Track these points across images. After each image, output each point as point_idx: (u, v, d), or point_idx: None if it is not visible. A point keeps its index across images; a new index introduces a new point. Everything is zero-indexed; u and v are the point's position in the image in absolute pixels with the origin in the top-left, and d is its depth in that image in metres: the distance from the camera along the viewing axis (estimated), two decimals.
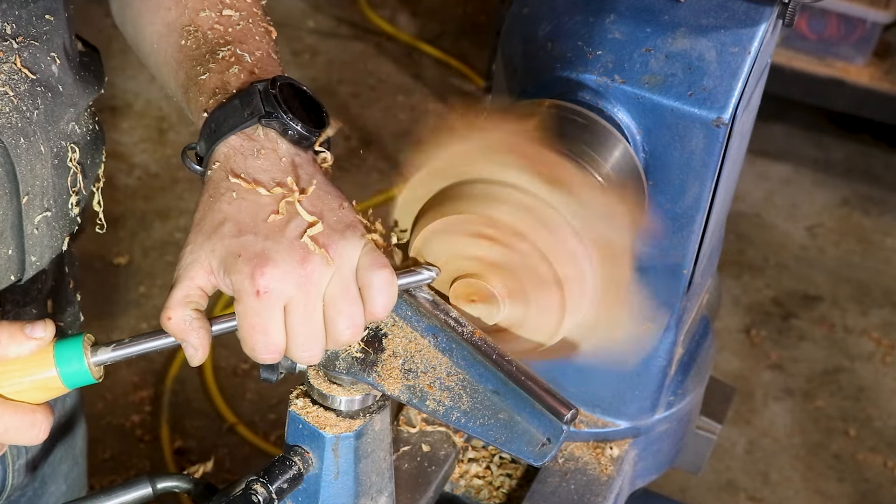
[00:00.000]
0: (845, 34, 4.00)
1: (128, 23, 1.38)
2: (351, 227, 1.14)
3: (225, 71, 1.21)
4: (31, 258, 1.30)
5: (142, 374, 3.15)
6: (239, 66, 1.21)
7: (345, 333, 1.14)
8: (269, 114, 1.16)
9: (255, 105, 1.16)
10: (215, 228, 1.12)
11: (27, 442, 1.15)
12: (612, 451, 1.67)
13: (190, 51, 1.25)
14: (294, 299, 1.11)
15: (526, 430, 1.19)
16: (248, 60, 1.22)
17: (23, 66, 1.24)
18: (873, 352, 3.55)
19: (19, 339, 1.12)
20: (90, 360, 1.13)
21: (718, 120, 1.41)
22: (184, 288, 1.12)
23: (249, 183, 1.13)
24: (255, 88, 1.17)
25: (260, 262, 1.09)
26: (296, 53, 4.38)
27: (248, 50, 1.24)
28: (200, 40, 1.25)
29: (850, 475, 3.19)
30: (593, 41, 1.46)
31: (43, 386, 1.12)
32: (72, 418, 1.67)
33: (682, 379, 1.75)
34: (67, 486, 1.68)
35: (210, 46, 1.24)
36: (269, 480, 1.23)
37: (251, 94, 1.17)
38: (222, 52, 1.23)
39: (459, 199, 1.25)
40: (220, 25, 1.26)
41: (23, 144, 1.23)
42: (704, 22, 1.45)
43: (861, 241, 3.95)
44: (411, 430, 1.64)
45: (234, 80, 1.20)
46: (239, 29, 1.26)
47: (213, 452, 3.03)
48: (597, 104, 1.45)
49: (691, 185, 1.47)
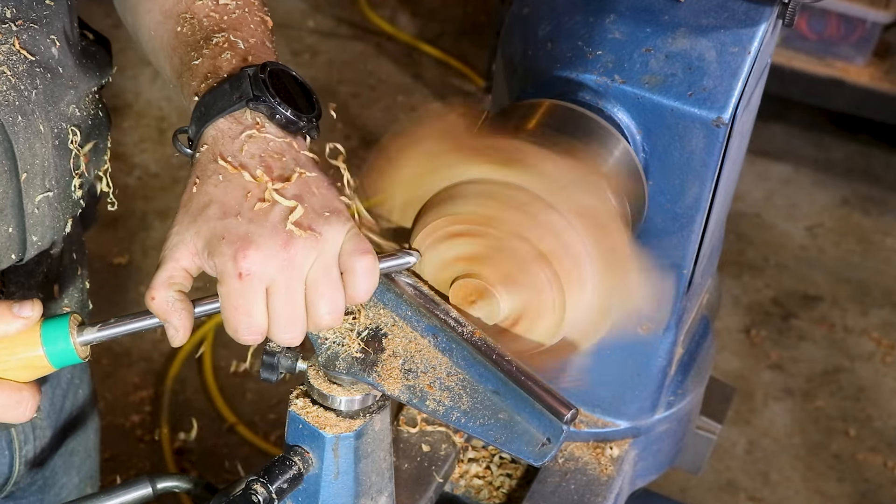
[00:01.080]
0: (845, 34, 4.00)
1: (127, 11, 1.40)
2: (336, 212, 1.15)
3: (217, 56, 1.22)
4: (32, 237, 1.31)
5: (142, 374, 3.15)
6: (232, 51, 1.23)
7: (325, 318, 1.14)
8: (257, 97, 1.16)
9: (244, 89, 1.17)
10: (201, 210, 1.13)
11: (13, 419, 1.16)
12: (612, 451, 1.67)
13: (185, 37, 1.26)
14: (276, 282, 1.11)
15: (526, 430, 1.19)
16: (241, 47, 1.24)
17: (21, 47, 1.25)
18: (873, 352, 3.55)
19: (7, 317, 1.13)
20: (76, 340, 1.15)
21: (718, 120, 1.41)
22: (168, 269, 1.13)
23: (235, 167, 1.14)
24: (246, 73, 1.18)
25: (243, 245, 1.10)
26: (296, 53, 4.38)
27: (242, 37, 1.25)
28: (196, 27, 1.26)
29: (850, 475, 3.19)
30: (593, 41, 1.46)
31: (29, 364, 1.14)
32: (84, 411, 1.68)
33: (682, 379, 1.75)
34: (80, 478, 1.69)
35: (205, 33, 1.26)
36: (269, 480, 1.23)
37: (241, 79, 1.18)
38: (216, 38, 1.24)
39: (426, 212, 1.28)
40: (216, 13, 1.27)
41: (20, 122, 1.24)
42: (704, 22, 1.45)
43: (861, 241, 3.95)
44: (411, 429, 1.64)
45: (226, 65, 1.21)
46: (235, 17, 1.27)
47: (214, 452, 3.03)
48: (597, 104, 1.45)
49: (691, 185, 1.47)
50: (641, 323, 1.60)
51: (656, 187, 1.48)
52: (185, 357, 3.17)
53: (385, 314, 1.26)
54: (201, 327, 3.17)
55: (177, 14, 1.28)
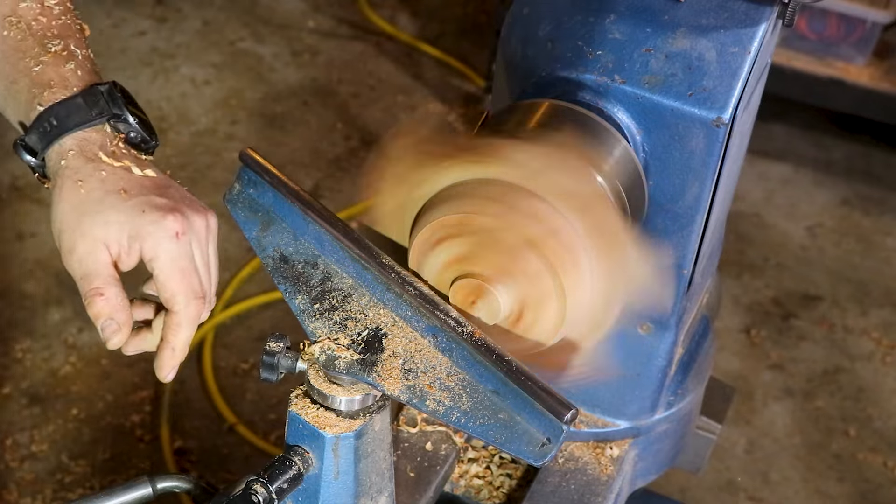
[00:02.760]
0: (845, 34, 4.00)
1: None
2: None
3: (61, 66, 1.21)
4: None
5: (142, 374, 3.15)
6: (74, 62, 1.22)
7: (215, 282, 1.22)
8: (117, 115, 1.19)
9: (101, 105, 1.18)
10: (99, 206, 1.14)
11: None
12: (612, 451, 1.67)
13: (14, 41, 1.23)
14: (202, 242, 1.17)
15: (526, 430, 1.19)
16: (79, 57, 1.23)
17: None
18: (873, 352, 3.55)
19: None
20: None
21: (718, 120, 1.41)
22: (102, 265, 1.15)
23: (120, 161, 1.16)
24: (98, 89, 1.20)
25: (170, 209, 1.14)
26: (296, 53, 4.38)
27: (77, 45, 1.24)
28: (25, 31, 1.23)
29: (851, 475, 3.19)
30: (593, 41, 1.46)
31: None
32: None
33: (682, 379, 1.75)
34: None
35: (37, 38, 1.23)
36: (269, 480, 1.24)
37: (95, 95, 1.19)
38: (53, 45, 1.23)
39: (414, 230, 1.29)
40: (44, 17, 1.25)
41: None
42: (704, 22, 1.45)
43: (861, 241, 3.95)
44: (411, 429, 1.64)
45: (73, 76, 1.21)
46: (61, 23, 1.26)
47: (214, 452, 3.03)
48: (597, 104, 1.45)
49: (691, 186, 1.47)
50: (641, 323, 1.60)
51: (656, 187, 1.48)
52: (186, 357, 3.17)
53: (385, 314, 1.26)
54: (201, 327, 3.17)
55: (1, 17, 1.24)
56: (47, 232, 3.28)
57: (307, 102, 4.20)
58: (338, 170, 3.90)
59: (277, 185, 1.30)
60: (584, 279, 1.24)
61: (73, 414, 3.05)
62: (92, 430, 3.03)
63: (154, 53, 4.24)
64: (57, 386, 3.11)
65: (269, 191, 1.31)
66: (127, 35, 4.34)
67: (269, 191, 1.31)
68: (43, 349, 3.18)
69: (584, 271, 1.24)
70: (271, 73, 4.28)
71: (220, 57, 4.31)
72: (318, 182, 3.83)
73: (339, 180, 3.86)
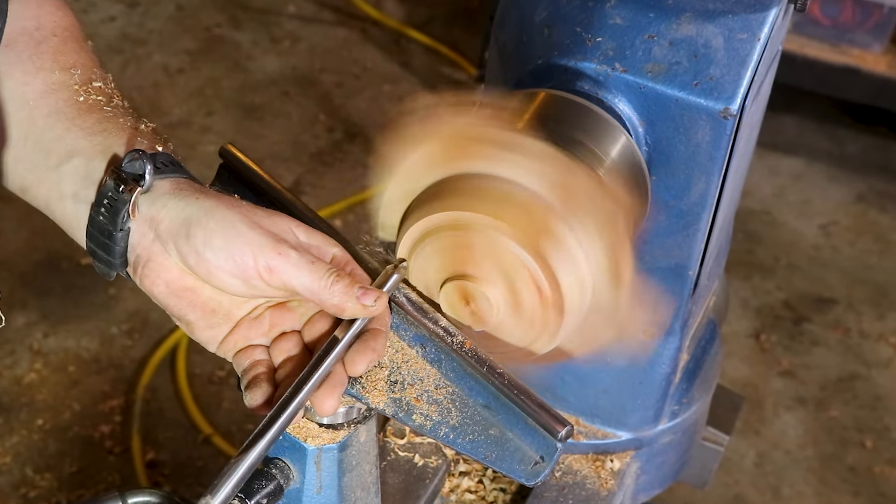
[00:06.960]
0: (861, 20, 4.01)
1: None
2: None
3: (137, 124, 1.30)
4: None
5: (112, 382, 3.15)
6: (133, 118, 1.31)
7: None
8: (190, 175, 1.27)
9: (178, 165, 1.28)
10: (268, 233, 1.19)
11: None
12: (613, 463, 1.67)
13: (97, 102, 1.32)
14: None
15: (518, 447, 1.19)
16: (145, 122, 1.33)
17: None
18: (891, 358, 3.56)
19: None
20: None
21: (726, 111, 1.42)
22: None
23: None
24: None
25: None
26: (275, 40, 4.38)
27: None
28: (109, 95, 1.33)
29: (867, 489, 3.20)
30: (593, 27, 1.47)
31: None
32: None
33: (688, 387, 1.75)
34: None
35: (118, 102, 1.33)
36: (247, 495, 1.24)
37: None
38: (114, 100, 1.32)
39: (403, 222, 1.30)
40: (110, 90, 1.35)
41: None
42: (711, 6, 1.45)
43: (878, 240, 3.96)
44: (399, 441, 1.64)
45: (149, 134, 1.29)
46: None
47: (188, 465, 3.03)
48: (597, 94, 1.46)
49: (697, 181, 1.47)
50: (644, 327, 1.60)
51: (660, 183, 1.49)
52: (158, 364, 3.18)
53: None
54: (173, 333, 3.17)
55: (71, 85, 1.32)
56: (11, 229, 3.28)
57: (288, 92, 4.20)
58: (320, 164, 3.90)
59: (259, 184, 1.31)
60: (574, 255, 1.24)
61: (39, 424, 3.05)
62: (58, 442, 3.03)
63: (125, 40, 4.25)
64: (21, 394, 3.11)
65: (250, 191, 1.31)
66: (96, 21, 4.35)
67: (250, 191, 1.31)
68: (6, 355, 3.18)
69: (572, 245, 1.23)
70: (249, 61, 4.28)
71: (195, 44, 4.31)
72: (300, 177, 3.83)
73: (322, 175, 3.87)
